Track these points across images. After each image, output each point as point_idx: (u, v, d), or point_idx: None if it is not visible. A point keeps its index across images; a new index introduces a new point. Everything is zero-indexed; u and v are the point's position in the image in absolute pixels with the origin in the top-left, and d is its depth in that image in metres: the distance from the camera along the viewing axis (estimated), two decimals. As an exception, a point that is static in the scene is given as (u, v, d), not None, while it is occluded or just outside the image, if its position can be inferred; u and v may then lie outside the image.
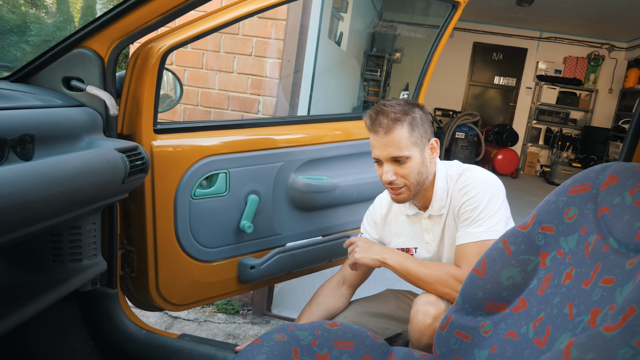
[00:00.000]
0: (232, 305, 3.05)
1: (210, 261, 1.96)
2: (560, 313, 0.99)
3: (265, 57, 2.84)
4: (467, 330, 1.24)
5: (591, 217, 1.05)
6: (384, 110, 1.65)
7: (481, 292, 1.23)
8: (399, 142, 1.64)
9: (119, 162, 1.41)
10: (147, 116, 1.70)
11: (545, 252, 1.15)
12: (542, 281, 1.13)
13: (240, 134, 1.99)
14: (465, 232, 1.68)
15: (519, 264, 1.19)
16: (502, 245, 1.22)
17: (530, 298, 1.14)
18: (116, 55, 1.54)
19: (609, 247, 0.94)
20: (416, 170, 1.68)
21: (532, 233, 1.19)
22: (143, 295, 1.88)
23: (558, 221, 1.14)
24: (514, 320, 1.15)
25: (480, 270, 1.24)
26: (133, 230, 1.81)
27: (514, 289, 1.19)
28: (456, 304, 1.29)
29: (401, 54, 8.65)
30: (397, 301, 1.95)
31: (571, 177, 1.17)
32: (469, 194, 1.69)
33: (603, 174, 1.07)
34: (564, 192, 1.15)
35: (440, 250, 1.82)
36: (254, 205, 1.99)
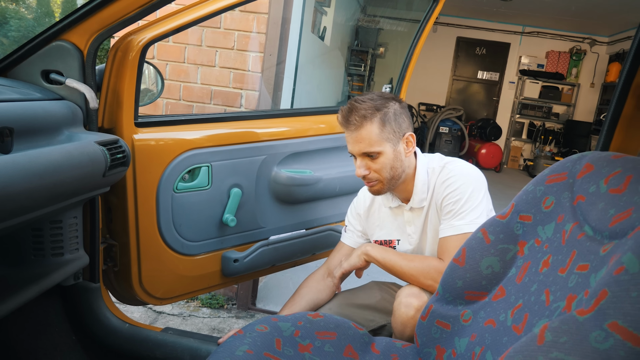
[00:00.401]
0: (216, 299, 3.05)
1: (194, 255, 1.96)
2: (538, 300, 1.01)
3: (247, 51, 2.83)
4: (447, 319, 1.26)
5: (567, 205, 1.07)
6: (355, 107, 1.67)
7: (461, 282, 1.24)
8: (369, 138, 1.66)
9: (99, 155, 1.40)
10: (128, 110, 1.69)
11: (523, 240, 1.17)
12: (520, 269, 1.14)
13: (222, 128, 1.99)
14: (448, 224, 1.69)
15: (498, 253, 1.20)
16: (481, 235, 1.24)
17: (509, 286, 1.16)
18: (95, 48, 1.53)
19: (585, 235, 0.96)
20: (389, 165, 1.70)
21: (511, 222, 1.20)
22: (126, 290, 1.88)
23: (536, 210, 1.15)
24: (493, 309, 1.17)
25: (460, 259, 1.25)
26: (115, 224, 1.81)
27: (493, 278, 1.20)
28: (437, 294, 1.31)
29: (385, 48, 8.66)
30: (382, 293, 1.96)
31: (549, 167, 1.19)
32: (451, 186, 1.70)
33: (579, 163, 1.09)
34: (541, 181, 1.17)
35: (422, 243, 1.84)
36: (236, 199, 2.00)
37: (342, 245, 1.98)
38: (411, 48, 2.50)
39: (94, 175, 1.40)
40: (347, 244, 1.97)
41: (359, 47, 8.09)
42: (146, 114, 2.79)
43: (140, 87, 1.72)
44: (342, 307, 1.89)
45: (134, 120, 1.73)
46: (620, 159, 0.99)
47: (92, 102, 1.54)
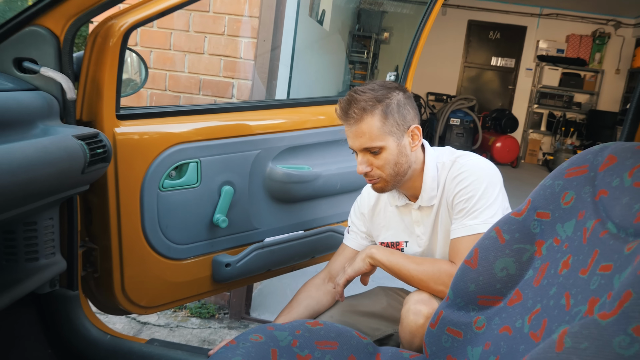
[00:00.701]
0: (206, 308, 3.06)
1: (181, 259, 1.97)
2: (557, 304, 1.01)
3: (239, 37, 2.84)
4: (459, 327, 1.26)
5: (589, 201, 1.07)
6: (354, 98, 1.67)
7: (473, 285, 1.25)
8: (370, 132, 1.66)
9: (77, 151, 1.41)
10: (109, 101, 1.70)
11: (541, 240, 1.18)
12: (537, 271, 1.15)
13: (212, 120, 2.00)
14: (460, 224, 1.69)
15: (513, 254, 1.21)
16: (495, 234, 1.24)
17: (526, 290, 1.16)
18: (73, 34, 1.54)
19: (608, 232, 0.97)
20: (392, 161, 1.70)
21: (527, 220, 1.21)
22: (107, 298, 1.88)
23: (554, 206, 1.16)
24: (508, 314, 1.17)
25: (472, 261, 1.26)
26: (95, 226, 1.81)
27: (508, 281, 1.21)
28: (447, 299, 1.31)
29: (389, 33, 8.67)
30: (389, 299, 1.96)
31: (568, 160, 1.19)
32: (463, 182, 1.70)
33: (601, 154, 1.09)
34: (560, 175, 1.17)
35: (432, 245, 1.84)
36: (228, 198, 2.00)
37: (345, 248, 1.99)
38: (417, 32, 2.50)
39: (72, 172, 1.40)
40: (350, 246, 1.98)
41: (361, 32, 8.10)
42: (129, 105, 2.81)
43: (122, 76, 1.73)
44: (344, 314, 1.89)
45: (116, 112, 1.73)
46: (646, 150, 1.00)
47: (70, 93, 1.54)
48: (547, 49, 10.08)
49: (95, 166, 1.50)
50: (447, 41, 10.30)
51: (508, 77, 10.60)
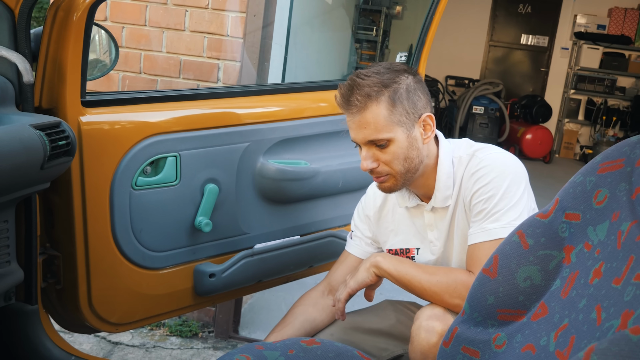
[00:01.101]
0: (188, 326, 3.07)
1: (158, 268, 1.98)
2: (587, 319, 1.02)
3: (225, 11, 2.85)
4: (476, 345, 1.27)
5: (625, 200, 1.08)
6: (357, 84, 1.67)
7: (492, 297, 1.25)
8: (375, 122, 1.66)
9: (36, 142, 1.42)
10: (73, 85, 1.71)
11: (570, 245, 1.18)
12: (566, 281, 1.15)
13: (194, 107, 2.01)
14: (479, 228, 1.70)
15: (538, 261, 1.21)
16: (517, 239, 1.24)
17: (552, 302, 1.17)
18: (30, 7, 1.55)
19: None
20: (402, 155, 1.70)
21: (555, 222, 1.21)
22: (71, 313, 1.90)
23: (585, 207, 1.16)
24: (532, 331, 1.18)
25: (491, 270, 1.26)
26: (58, 230, 1.83)
27: (532, 292, 1.21)
28: (462, 313, 1.32)
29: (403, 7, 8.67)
30: (398, 315, 1.98)
31: (602, 153, 1.20)
32: (482, 180, 1.71)
33: (639, 147, 1.10)
34: (592, 171, 1.17)
35: (447, 252, 1.85)
36: (212, 198, 2.01)
37: (347, 256, 2.00)
38: (432, 6, 2.50)
39: (29, 167, 1.41)
40: (353, 253, 1.99)
41: (369, 5, 8.10)
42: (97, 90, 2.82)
43: (87, 56, 1.74)
44: (347, 332, 1.91)
45: (81, 98, 1.75)
46: (690, 140, 1.00)
47: (26, 75, 1.55)
48: (585, 25, 10.07)
49: (57, 160, 1.51)
50: (470, 16, 10.30)
51: (540, 58, 10.60)
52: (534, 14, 10.47)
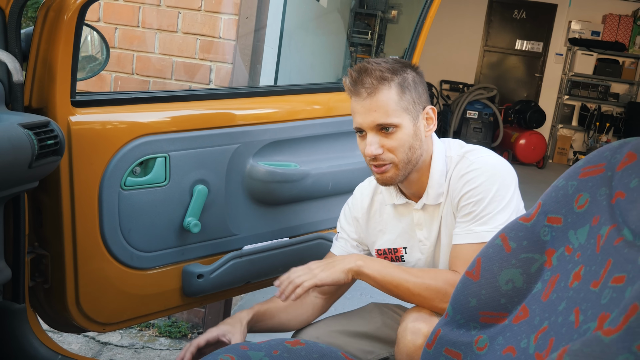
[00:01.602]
0: (177, 327, 3.07)
1: (146, 268, 1.98)
2: (566, 321, 1.03)
3: (218, 13, 2.85)
4: (458, 347, 1.28)
5: (605, 204, 1.09)
6: (367, 68, 1.68)
7: (475, 300, 1.26)
8: (385, 105, 1.67)
9: (24, 141, 1.42)
10: (63, 85, 1.71)
11: (551, 248, 1.19)
12: (547, 284, 1.17)
13: (184, 108, 2.02)
14: (466, 229, 1.71)
15: (520, 264, 1.22)
16: (500, 242, 1.26)
17: (533, 305, 1.18)
18: (20, 7, 1.56)
19: (623, 240, 0.98)
20: (407, 143, 1.70)
21: (537, 226, 1.22)
22: (59, 312, 1.90)
23: (567, 211, 1.17)
24: (513, 333, 1.19)
25: (474, 272, 1.27)
26: (46, 229, 1.83)
27: (514, 295, 1.23)
28: (446, 315, 1.33)
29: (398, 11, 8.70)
30: (384, 317, 1.98)
31: (585, 157, 1.21)
32: (471, 182, 1.71)
33: (620, 151, 1.11)
34: (574, 175, 1.19)
35: (436, 251, 1.85)
36: (201, 198, 2.02)
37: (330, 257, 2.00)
38: (423, 11, 2.51)
39: (17, 166, 1.42)
40: (337, 254, 1.98)
41: (364, 9, 8.13)
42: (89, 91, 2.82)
43: (78, 56, 1.75)
44: (332, 335, 1.91)
45: (71, 98, 1.75)
46: (669, 146, 1.02)
47: (16, 75, 1.55)
48: (580, 31, 10.11)
49: (45, 160, 1.52)
50: (465, 21, 10.33)
51: (535, 63, 10.63)
52: (529, 19, 10.51)
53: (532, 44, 10.58)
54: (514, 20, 10.58)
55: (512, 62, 10.74)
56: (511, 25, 10.59)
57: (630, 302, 0.76)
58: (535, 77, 10.64)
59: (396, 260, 1.91)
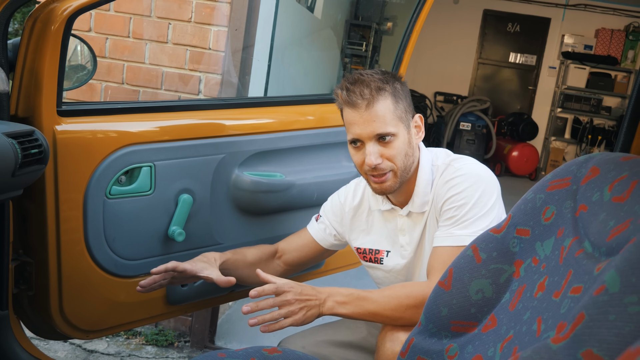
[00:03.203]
0: (164, 335, 3.09)
1: (131, 276, 2.00)
2: (529, 330, 1.06)
3: (208, 25, 2.88)
4: (430, 356, 1.31)
5: (569, 217, 1.12)
6: (363, 79, 1.72)
7: (446, 309, 1.29)
8: (384, 115, 1.71)
9: (7, 150, 1.44)
10: (49, 95, 1.73)
11: (520, 259, 1.22)
12: (514, 294, 1.20)
13: (170, 119, 2.04)
14: (447, 232, 1.73)
15: (490, 275, 1.25)
16: (471, 253, 1.29)
17: (501, 315, 1.21)
18: (7, 18, 1.58)
19: (583, 251, 1.01)
20: (403, 151, 1.74)
21: (507, 238, 1.25)
22: (43, 319, 1.91)
23: (534, 223, 1.21)
24: (482, 342, 1.21)
25: (445, 282, 1.30)
26: (31, 236, 1.84)
27: (484, 305, 1.25)
28: (419, 324, 1.35)
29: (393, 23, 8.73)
30: (369, 328, 2.00)
31: (553, 171, 1.24)
32: (455, 188, 1.75)
33: (585, 166, 1.14)
34: (542, 188, 1.22)
35: (417, 257, 1.88)
36: (186, 208, 2.04)
37: (306, 235, 2.05)
38: (411, 20, 2.53)
39: (1, 174, 1.43)
40: (312, 235, 2.03)
41: (359, 20, 8.16)
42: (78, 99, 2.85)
43: (64, 66, 1.76)
44: (318, 345, 1.93)
45: (57, 107, 1.77)
46: (629, 162, 1.04)
47: (3, 84, 1.58)
48: (573, 45, 10.16)
49: (29, 168, 1.53)
50: (459, 34, 10.39)
51: (528, 76, 10.68)
52: (523, 33, 10.57)
53: (526, 57, 10.63)
54: (507, 34, 10.64)
55: (506, 74, 10.80)
56: (505, 38, 10.65)
57: (578, 311, 0.79)
58: (529, 90, 10.69)
59: (375, 261, 1.94)
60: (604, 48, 10.09)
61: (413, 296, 1.68)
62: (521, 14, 10.37)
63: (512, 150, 9.22)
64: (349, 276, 2.99)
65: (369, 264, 1.97)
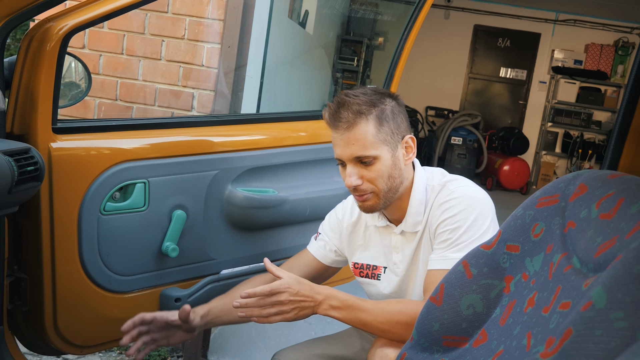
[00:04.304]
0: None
1: (125, 292, 2.01)
2: (519, 345, 1.08)
3: (201, 42, 2.91)
4: (421, 370, 1.32)
5: (558, 233, 1.14)
6: (346, 102, 1.73)
7: (438, 324, 1.31)
8: (363, 139, 1.71)
9: (4, 167, 1.45)
10: (44, 112, 1.75)
11: (510, 275, 1.24)
12: (505, 309, 1.21)
13: (164, 135, 2.06)
14: (441, 255, 1.74)
15: (480, 290, 1.27)
16: (462, 268, 1.31)
17: (492, 329, 1.22)
18: (4, 37, 1.59)
19: (571, 267, 1.04)
20: (386, 173, 1.74)
21: (497, 253, 1.27)
22: (37, 335, 1.91)
23: (524, 239, 1.23)
24: (473, 357, 1.23)
25: (437, 297, 1.32)
26: (26, 252, 1.85)
27: (474, 320, 1.27)
28: (411, 339, 1.37)
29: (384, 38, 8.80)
30: (363, 342, 2.01)
31: (542, 188, 1.27)
32: (450, 210, 1.75)
33: (573, 183, 1.17)
34: (532, 205, 1.24)
35: (408, 275, 1.88)
36: (180, 223, 2.05)
37: (306, 254, 2.03)
38: (403, 36, 2.56)
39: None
40: (313, 254, 2.02)
41: (351, 36, 8.22)
42: (73, 115, 2.86)
43: (59, 84, 1.78)
44: (312, 359, 1.94)
45: (52, 124, 1.79)
46: (616, 179, 1.07)
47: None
48: (563, 60, 10.24)
49: (25, 185, 1.55)
50: (450, 49, 10.46)
51: (518, 91, 10.75)
52: (513, 47, 10.65)
53: (516, 72, 10.70)
54: (498, 49, 10.71)
55: (497, 89, 10.86)
56: (495, 53, 10.72)
57: (566, 327, 0.81)
58: (519, 104, 10.76)
59: (372, 277, 1.95)
60: (594, 63, 10.17)
61: (405, 313, 1.70)
62: (511, 29, 10.44)
63: (503, 164, 9.26)
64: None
65: (365, 280, 1.98)
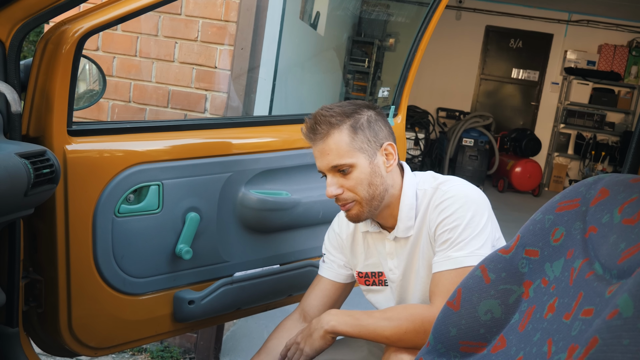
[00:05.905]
0: (170, 351, 3.09)
1: (138, 294, 2.01)
2: (540, 352, 1.07)
3: (214, 44, 2.91)
4: (439, 376, 1.32)
5: (578, 238, 1.13)
6: (320, 114, 1.77)
7: (455, 329, 1.30)
8: (337, 148, 1.74)
9: (20, 170, 1.45)
10: (60, 114, 1.75)
11: (529, 280, 1.23)
12: (524, 315, 1.20)
13: (177, 138, 2.06)
14: (444, 256, 1.74)
15: (499, 295, 1.26)
16: (480, 273, 1.30)
17: (510, 335, 1.21)
18: (20, 40, 1.60)
19: (594, 273, 1.03)
20: (365, 181, 1.76)
21: (515, 258, 1.26)
22: (52, 336, 1.92)
23: (544, 244, 1.22)
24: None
25: (454, 302, 1.31)
26: (41, 254, 1.86)
27: (493, 325, 1.26)
28: (427, 344, 1.36)
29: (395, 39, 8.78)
30: (370, 347, 2.00)
31: (561, 192, 1.26)
32: (446, 211, 1.76)
33: (594, 187, 1.16)
34: (551, 209, 1.23)
35: (405, 280, 1.89)
36: (193, 226, 2.05)
37: (321, 279, 2.04)
38: (417, 38, 2.57)
39: (13, 194, 1.45)
40: (326, 277, 2.02)
41: (362, 37, 8.21)
42: (87, 117, 2.87)
43: (75, 87, 1.78)
44: (318, 365, 1.94)
45: (67, 127, 1.79)
46: (638, 184, 1.06)
47: (15, 105, 1.59)
48: (576, 61, 10.21)
49: (41, 188, 1.55)
50: (462, 50, 10.44)
51: (531, 92, 10.72)
52: (525, 48, 10.62)
53: (528, 73, 10.68)
54: (510, 49, 10.69)
55: (508, 90, 10.84)
56: (507, 54, 10.71)
57: (591, 335, 0.80)
58: (531, 106, 10.73)
59: (379, 284, 1.96)
60: (607, 64, 10.13)
61: (412, 319, 1.71)
62: (523, 30, 10.42)
63: (515, 166, 9.23)
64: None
65: (372, 288, 1.99)
